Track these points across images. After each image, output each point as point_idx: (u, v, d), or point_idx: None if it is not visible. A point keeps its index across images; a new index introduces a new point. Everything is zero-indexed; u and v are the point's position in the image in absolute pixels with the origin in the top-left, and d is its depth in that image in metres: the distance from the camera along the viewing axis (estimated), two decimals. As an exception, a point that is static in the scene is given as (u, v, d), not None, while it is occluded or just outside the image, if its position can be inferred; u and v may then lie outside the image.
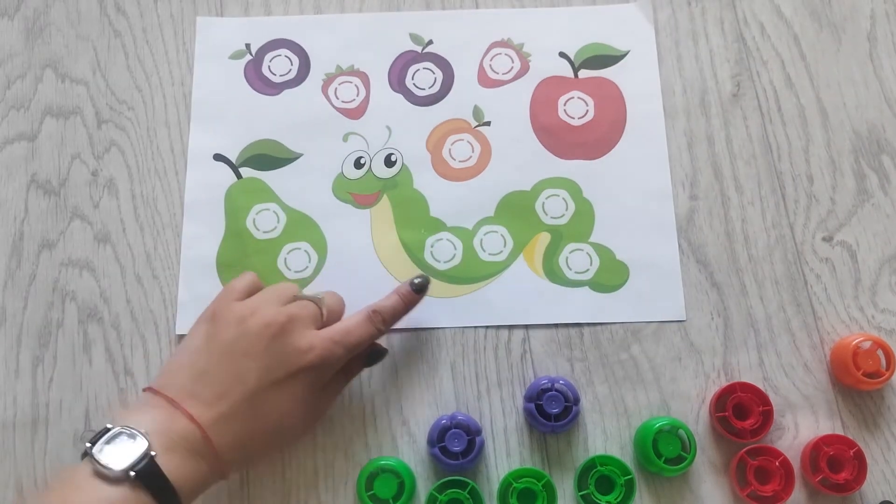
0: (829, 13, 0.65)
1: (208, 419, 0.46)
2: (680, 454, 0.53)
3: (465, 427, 0.54)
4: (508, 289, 0.59)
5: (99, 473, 0.43)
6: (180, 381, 0.47)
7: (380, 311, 0.52)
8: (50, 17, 0.66)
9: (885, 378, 0.54)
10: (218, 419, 0.46)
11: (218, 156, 0.63)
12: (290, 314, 0.49)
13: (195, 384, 0.47)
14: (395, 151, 0.63)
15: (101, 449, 0.43)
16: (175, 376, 0.48)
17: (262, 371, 0.47)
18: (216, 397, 0.47)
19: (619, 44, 0.65)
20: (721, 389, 0.55)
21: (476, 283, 0.59)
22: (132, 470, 0.43)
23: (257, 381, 0.47)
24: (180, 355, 0.50)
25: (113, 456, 0.43)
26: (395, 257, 0.60)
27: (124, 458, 0.43)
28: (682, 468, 0.53)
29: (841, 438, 0.54)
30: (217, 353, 0.48)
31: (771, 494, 0.52)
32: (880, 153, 0.62)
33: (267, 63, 0.65)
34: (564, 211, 0.61)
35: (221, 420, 0.46)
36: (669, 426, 0.54)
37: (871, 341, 0.55)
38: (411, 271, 0.59)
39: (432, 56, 0.65)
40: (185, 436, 0.45)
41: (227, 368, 0.47)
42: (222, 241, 0.61)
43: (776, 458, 0.53)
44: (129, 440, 0.44)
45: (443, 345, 0.58)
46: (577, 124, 0.63)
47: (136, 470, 0.43)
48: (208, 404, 0.46)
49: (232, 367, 0.47)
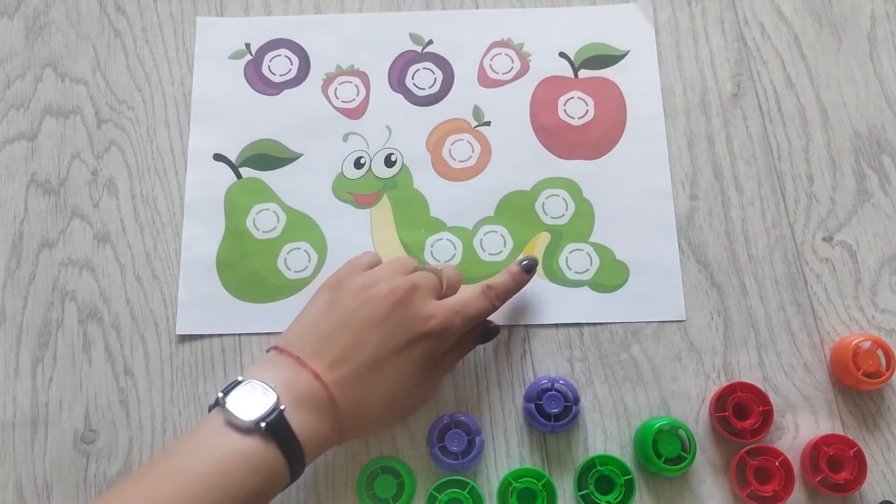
0: (829, 13, 0.65)
1: (332, 380, 0.47)
2: (680, 454, 0.53)
3: (465, 427, 0.54)
4: None
5: (230, 423, 0.44)
6: (305, 342, 0.48)
7: (494, 287, 0.53)
8: (50, 16, 0.66)
9: (885, 378, 0.54)
10: (340, 380, 0.47)
11: (218, 156, 0.63)
12: (413, 282, 0.50)
13: (319, 345, 0.48)
14: (395, 151, 0.63)
15: (233, 399, 0.44)
16: (299, 338, 0.49)
17: (384, 336, 0.48)
18: (339, 360, 0.47)
19: (620, 44, 0.65)
20: (721, 389, 0.55)
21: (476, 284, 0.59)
22: (263, 421, 0.43)
23: (378, 347, 0.48)
24: (304, 319, 0.50)
25: (244, 407, 0.44)
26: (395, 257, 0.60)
27: (255, 409, 0.44)
28: (681, 468, 0.53)
29: (841, 438, 0.54)
30: (341, 318, 0.49)
31: (771, 494, 0.52)
32: (880, 153, 0.62)
33: (267, 63, 0.65)
34: (564, 211, 0.61)
35: (344, 382, 0.47)
36: (669, 426, 0.54)
37: (871, 341, 0.55)
38: None
39: (432, 56, 0.65)
40: (310, 393, 0.46)
41: (350, 333, 0.48)
42: (222, 240, 0.60)
43: (776, 458, 0.53)
44: (259, 393, 0.44)
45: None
46: (577, 124, 0.63)
47: (266, 422, 0.43)
48: (331, 366, 0.47)
49: (355, 331, 0.48)
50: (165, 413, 0.57)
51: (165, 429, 0.56)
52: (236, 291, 0.59)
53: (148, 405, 0.57)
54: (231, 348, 0.58)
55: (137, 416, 0.57)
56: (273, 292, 0.59)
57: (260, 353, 0.58)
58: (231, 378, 0.56)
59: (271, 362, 0.48)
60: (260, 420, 0.43)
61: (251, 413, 0.44)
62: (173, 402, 0.57)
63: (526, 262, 0.56)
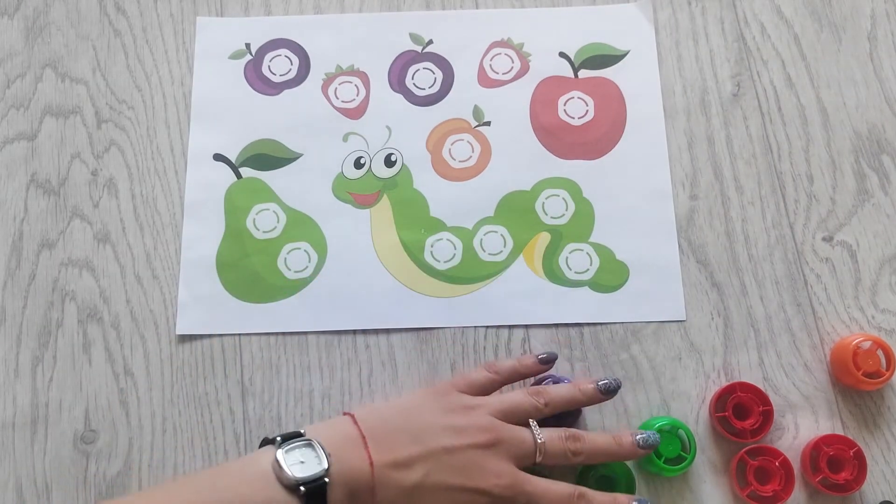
0: (829, 13, 0.65)
1: (382, 477, 0.46)
2: (680, 454, 0.53)
3: None
4: (508, 289, 0.59)
5: (276, 471, 0.44)
6: (379, 426, 0.48)
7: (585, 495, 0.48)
8: (50, 16, 0.66)
9: (885, 378, 0.54)
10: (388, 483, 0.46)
11: (218, 156, 0.63)
12: (502, 437, 0.48)
13: (388, 438, 0.47)
14: (394, 151, 0.63)
15: (287, 451, 0.45)
16: (377, 420, 0.48)
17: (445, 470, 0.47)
18: (397, 463, 0.46)
19: (620, 44, 0.65)
20: (721, 389, 0.55)
21: (476, 284, 0.59)
22: (304, 485, 0.44)
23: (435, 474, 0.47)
24: (393, 404, 0.51)
25: (294, 463, 0.45)
26: (394, 257, 0.60)
27: (303, 469, 0.44)
28: (681, 468, 0.53)
29: (841, 438, 0.54)
30: (423, 427, 0.48)
31: (771, 494, 0.52)
32: (880, 153, 0.62)
33: (267, 63, 0.65)
34: (564, 211, 0.61)
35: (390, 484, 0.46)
36: (669, 426, 0.54)
37: (871, 341, 0.55)
38: (411, 271, 0.59)
39: (432, 56, 0.65)
40: (358, 479, 0.46)
41: (421, 446, 0.47)
42: (222, 240, 0.60)
43: (776, 459, 0.53)
44: (313, 455, 0.45)
45: (443, 345, 0.58)
46: (577, 124, 0.63)
47: (307, 486, 0.44)
48: (390, 465, 0.46)
49: (427, 447, 0.47)
50: (165, 413, 0.57)
51: (165, 429, 0.56)
52: (236, 291, 0.59)
53: (148, 405, 0.57)
54: (231, 348, 0.58)
55: (137, 416, 0.57)
56: (273, 292, 0.59)
57: (259, 353, 0.58)
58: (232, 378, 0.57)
59: (340, 429, 0.48)
60: (302, 483, 0.44)
61: (298, 471, 0.44)
62: (173, 402, 0.57)
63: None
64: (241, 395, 0.57)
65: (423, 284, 0.59)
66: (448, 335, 0.58)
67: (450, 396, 0.51)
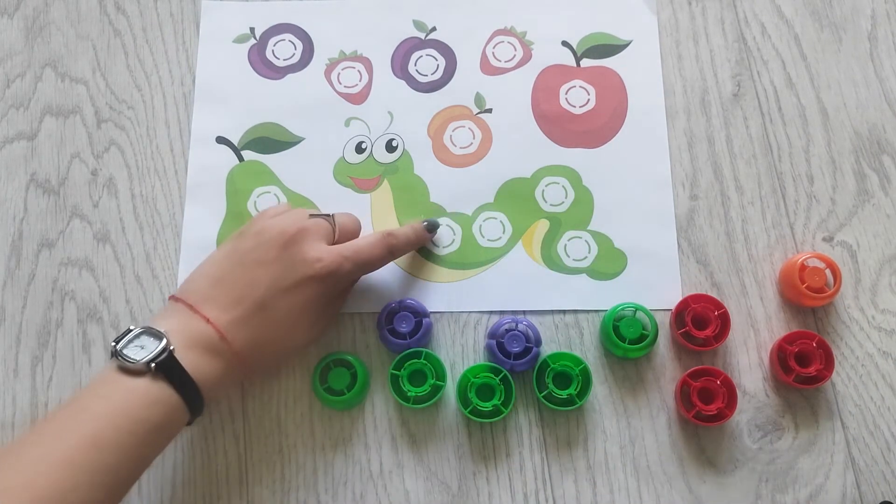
0: (829, 13, 0.65)
1: (224, 322, 0.49)
2: (642, 334, 0.55)
3: (413, 310, 0.56)
4: (507, 275, 0.59)
5: (123, 368, 0.46)
6: (200, 287, 0.51)
7: (395, 235, 0.55)
8: (50, 16, 0.66)
9: (829, 295, 0.56)
10: (233, 322, 0.49)
11: (220, 138, 0.63)
12: (301, 227, 0.52)
13: (213, 290, 0.50)
14: (396, 137, 0.63)
15: (124, 346, 0.47)
16: (195, 284, 0.51)
17: (272, 279, 0.50)
18: (232, 303, 0.50)
19: (622, 33, 0.65)
20: (676, 308, 0.57)
21: (474, 269, 0.59)
22: (152, 362, 0.46)
23: (267, 288, 0.50)
24: (203, 267, 0.53)
25: (135, 352, 0.47)
26: None
27: (145, 353, 0.46)
28: (644, 346, 0.55)
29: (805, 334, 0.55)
30: (235, 262, 0.52)
31: (715, 412, 0.54)
32: (881, 153, 0.62)
33: (271, 47, 0.65)
34: (564, 198, 0.61)
35: (236, 323, 0.49)
36: (632, 309, 0.56)
37: (822, 261, 0.57)
38: (410, 256, 0.60)
39: (435, 43, 0.65)
40: (202, 336, 0.48)
41: (241, 276, 0.51)
42: (223, 222, 0.61)
43: (717, 378, 0.54)
44: (150, 339, 0.47)
45: (441, 329, 0.58)
46: (578, 113, 0.63)
47: (156, 362, 0.46)
48: (224, 309, 0.50)
49: (246, 274, 0.51)
50: (165, 413, 0.56)
51: (165, 429, 0.56)
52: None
53: (148, 405, 0.57)
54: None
55: (137, 415, 0.56)
56: None
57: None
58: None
59: (168, 310, 0.50)
60: (149, 361, 0.46)
61: (142, 356, 0.46)
62: (173, 401, 0.57)
63: (427, 223, 0.58)
64: (240, 395, 0.57)
65: (422, 269, 0.59)
66: (446, 319, 0.58)
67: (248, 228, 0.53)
